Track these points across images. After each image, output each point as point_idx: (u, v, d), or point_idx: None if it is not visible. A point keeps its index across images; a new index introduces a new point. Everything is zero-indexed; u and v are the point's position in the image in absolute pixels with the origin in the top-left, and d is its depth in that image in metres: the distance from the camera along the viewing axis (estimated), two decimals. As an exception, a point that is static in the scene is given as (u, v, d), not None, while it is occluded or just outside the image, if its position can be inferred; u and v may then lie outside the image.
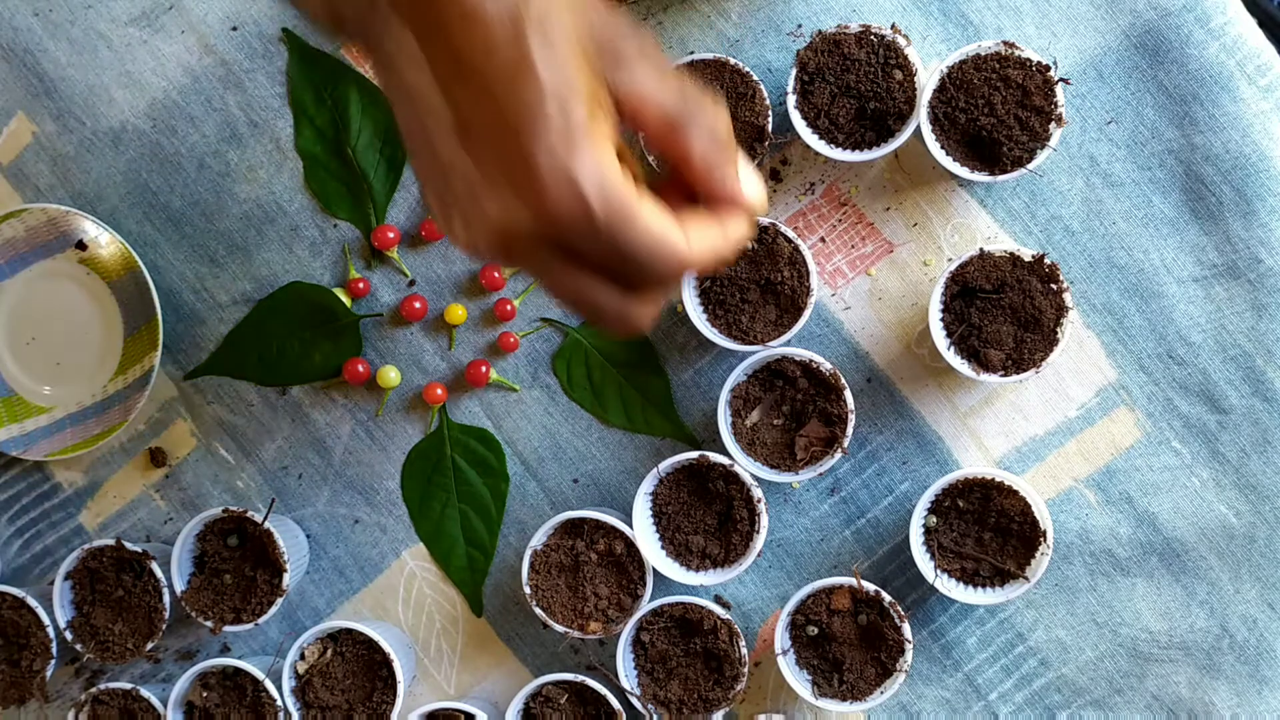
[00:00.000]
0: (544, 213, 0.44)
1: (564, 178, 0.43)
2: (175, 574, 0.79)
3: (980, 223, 0.77)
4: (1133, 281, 0.76)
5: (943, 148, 0.73)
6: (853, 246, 0.78)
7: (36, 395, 0.85)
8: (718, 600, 0.80)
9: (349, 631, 0.79)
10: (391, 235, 0.81)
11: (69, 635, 0.80)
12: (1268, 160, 0.73)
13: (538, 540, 0.77)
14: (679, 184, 0.49)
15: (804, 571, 0.79)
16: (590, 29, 0.46)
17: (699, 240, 0.47)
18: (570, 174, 0.43)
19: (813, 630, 0.74)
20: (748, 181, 0.49)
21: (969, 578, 0.74)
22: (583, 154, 0.44)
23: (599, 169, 0.44)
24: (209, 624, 0.79)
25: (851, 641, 0.74)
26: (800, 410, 0.75)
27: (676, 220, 0.47)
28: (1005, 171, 0.72)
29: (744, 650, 0.75)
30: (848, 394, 0.73)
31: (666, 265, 0.46)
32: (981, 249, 0.72)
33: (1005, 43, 0.72)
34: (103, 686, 0.81)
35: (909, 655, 0.73)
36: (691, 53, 0.77)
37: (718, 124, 0.48)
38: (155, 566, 0.79)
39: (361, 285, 0.82)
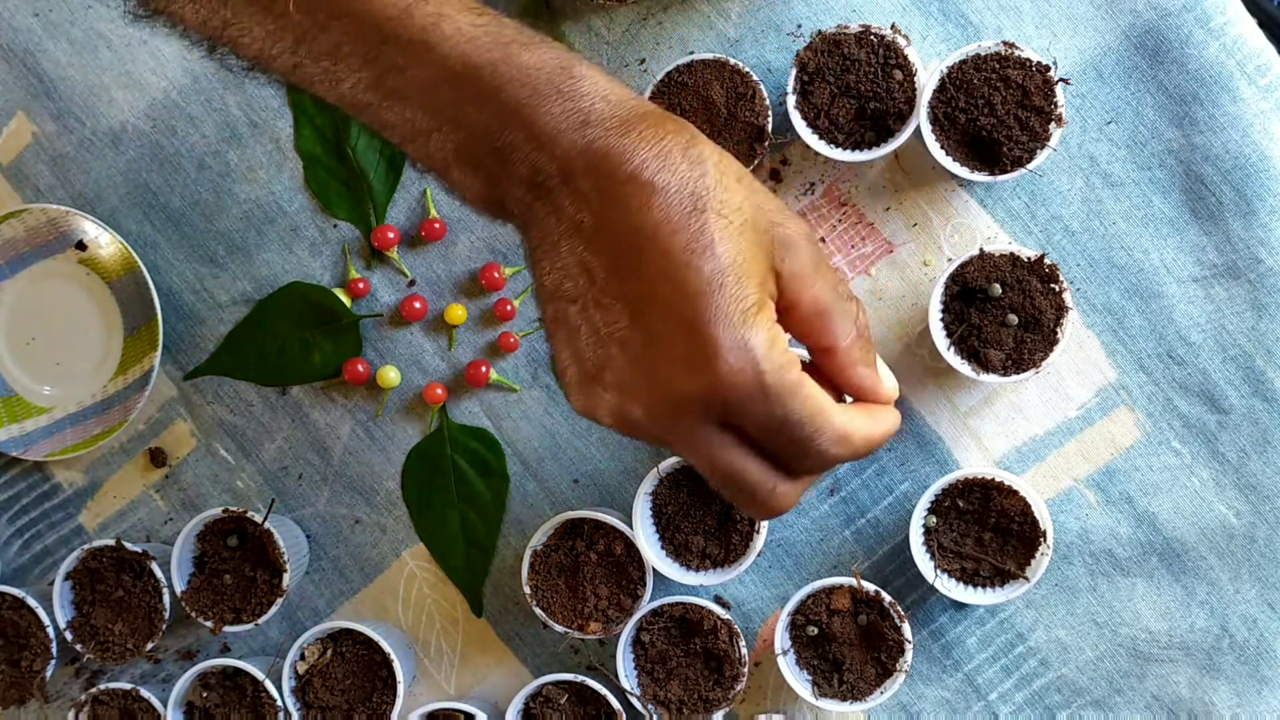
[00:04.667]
0: (717, 379, 0.47)
1: (739, 346, 0.46)
2: (175, 574, 0.79)
3: (980, 223, 0.77)
4: (1133, 281, 0.76)
5: (943, 148, 0.73)
6: (853, 246, 0.78)
7: (36, 395, 0.85)
8: (718, 600, 0.80)
9: (349, 632, 0.79)
10: (391, 235, 0.81)
11: (69, 635, 0.80)
12: (1268, 160, 0.73)
13: (538, 540, 0.77)
14: (821, 379, 0.52)
15: (804, 571, 0.80)
16: (758, 212, 0.49)
17: (854, 422, 0.50)
18: (745, 343, 0.46)
19: (813, 630, 0.74)
20: (886, 376, 0.53)
21: (969, 578, 0.74)
22: (757, 327, 0.47)
23: (770, 341, 0.47)
24: (209, 624, 0.79)
25: (851, 641, 0.75)
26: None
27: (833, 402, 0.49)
28: (1005, 171, 0.72)
29: (744, 650, 0.75)
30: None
31: (827, 437, 0.49)
32: (981, 249, 0.72)
33: (1005, 43, 0.72)
34: (103, 686, 0.81)
35: (909, 655, 0.73)
36: (691, 53, 0.77)
37: (861, 318, 0.51)
38: (155, 566, 0.80)
39: (361, 285, 0.82)
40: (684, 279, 0.47)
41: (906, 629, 0.73)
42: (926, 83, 0.72)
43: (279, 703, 0.79)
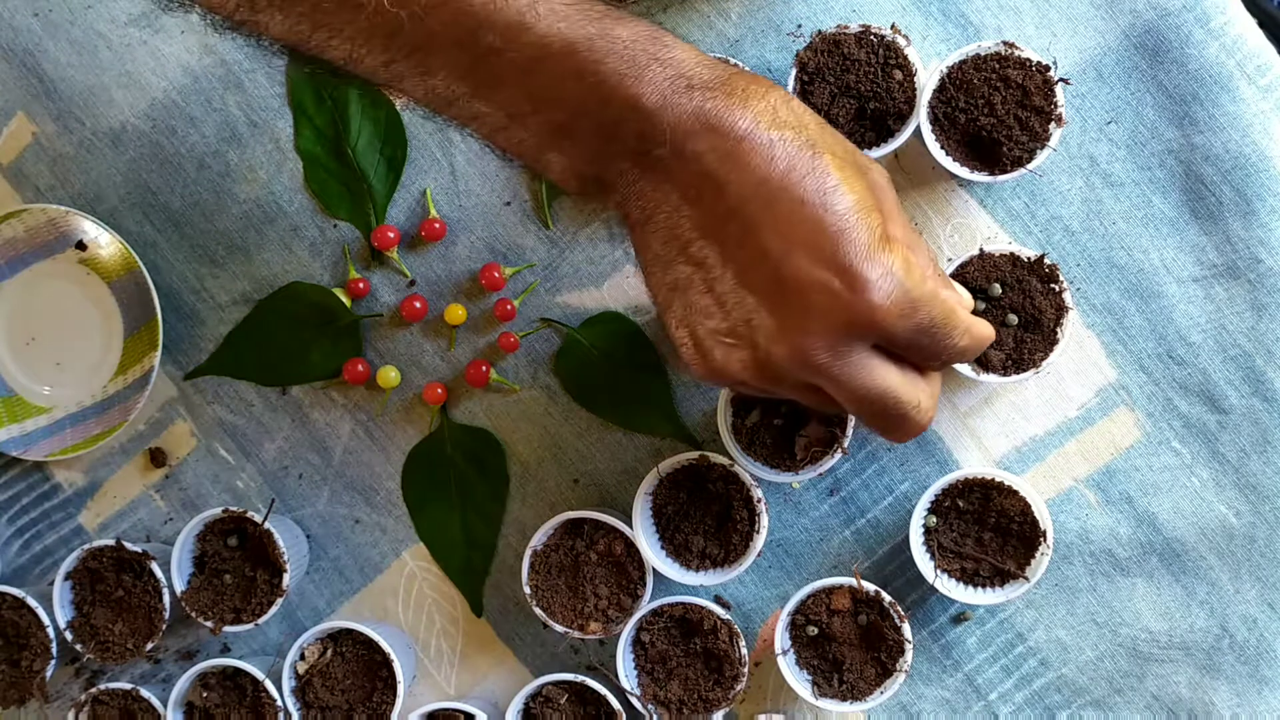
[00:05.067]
0: (873, 305, 0.50)
1: (885, 271, 0.50)
2: (175, 574, 0.79)
3: (980, 223, 0.77)
4: (1133, 281, 0.76)
5: (943, 148, 0.73)
6: (853, 246, 0.78)
7: (36, 395, 0.85)
8: (718, 600, 0.80)
9: (349, 631, 0.79)
10: (391, 235, 0.81)
11: (69, 635, 0.80)
12: (1268, 160, 0.74)
13: (538, 540, 0.77)
14: None
15: (804, 571, 0.80)
16: (855, 156, 0.54)
17: (970, 317, 0.56)
18: (890, 267, 0.50)
19: (813, 630, 0.74)
20: (964, 293, 0.60)
21: (969, 578, 0.74)
22: (893, 250, 0.51)
23: (906, 260, 0.51)
24: (209, 624, 0.79)
25: (851, 641, 0.75)
26: (800, 410, 0.75)
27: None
28: (1005, 171, 0.72)
29: (744, 650, 0.75)
30: None
31: (959, 329, 0.54)
32: (981, 249, 0.72)
33: (1005, 43, 0.72)
34: (103, 686, 0.81)
35: (909, 655, 0.73)
36: (691, 53, 0.77)
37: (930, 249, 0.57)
38: (155, 566, 0.80)
39: (361, 285, 0.82)
40: (821, 219, 0.50)
41: (906, 629, 0.73)
42: (926, 83, 0.72)
43: (279, 703, 0.79)
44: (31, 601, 0.80)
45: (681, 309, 0.54)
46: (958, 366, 0.72)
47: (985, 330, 0.57)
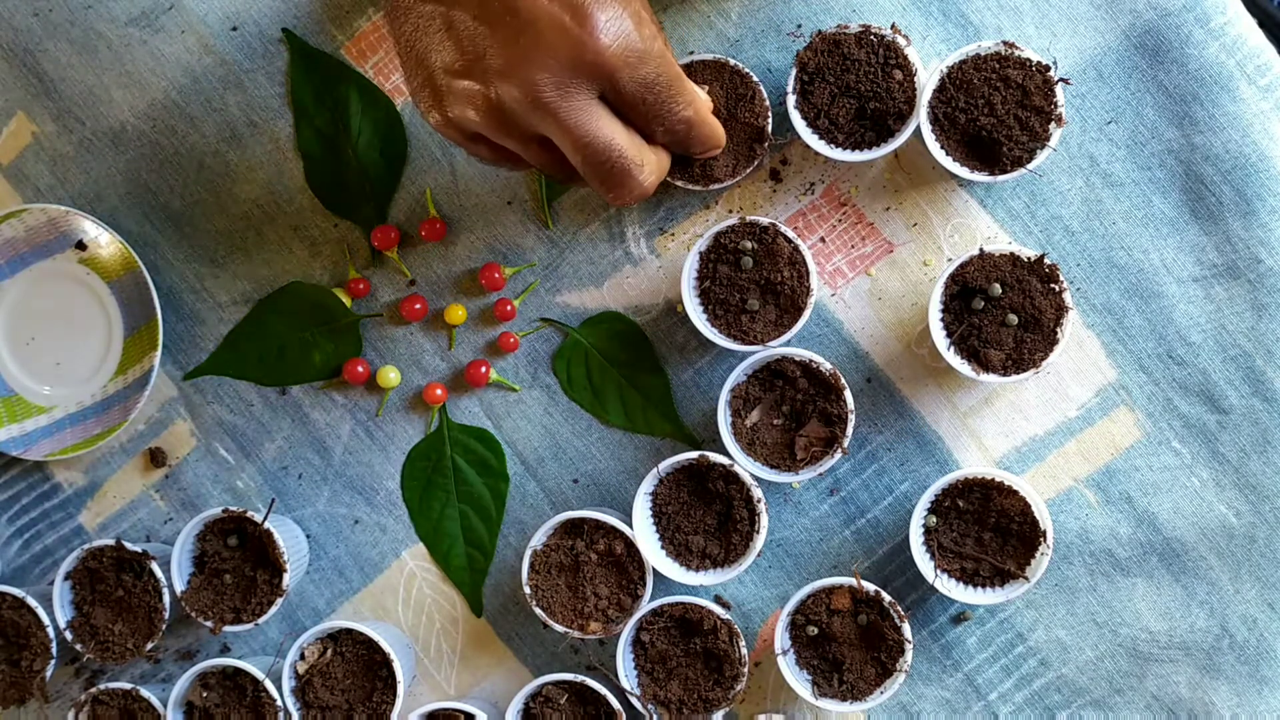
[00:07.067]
0: (599, 46, 0.53)
1: (615, 18, 0.54)
2: (175, 574, 0.79)
3: (980, 223, 0.77)
4: (1133, 281, 0.76)
5: (943, 148, 0.73)
6: (853, 246, 0.78)
7: (36, 395, 0.85)
8: (718, 600, 0.80)
9: (349, 631, 0.79)
10: (392, 235, 0.81)
11: (69, 635, 0.80)
12: (1268, 160, 0.73)
13: (538, 540, 0.77)
14: None
15: (804, 571, 0.80)
16: None
17: (700, 92, 0.60)
18: (620, 15, 0.54)
19: (813, 630, 0.74)
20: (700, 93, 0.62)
21: (969, 578, 0.74)
22: (628, 3, 0.54)
23: (638, 15, 0.55)
24: (209, 624, 0.79)
25: (851, 641, 0.75)
26: (800, 410, 0.75)
27: None
28: (1005, 171, 0.72)
29: (744, 650, 0.75)
30: (847, 394, 0.73)
31: (684, 97, 0.58)
32: (981, 249, 0.72)
33: (1005, 43, 0.72)
34: (103, 686, 0.81)
35: (909, 655, 0.73)
36: (691, 53, 0.77)
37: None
38: (155, 566, 0.80)
39: (361, 285, 0.82)
40: None
41: (906, 629, 0.73)
42: (926, 83, 0.72)
43: (279, 703, 0.79)
44: (31, 601, 0.80)
45: (421, 52, 0.55)
46: (957, 366, 0.72)
47: (712, 122, 0.62)
